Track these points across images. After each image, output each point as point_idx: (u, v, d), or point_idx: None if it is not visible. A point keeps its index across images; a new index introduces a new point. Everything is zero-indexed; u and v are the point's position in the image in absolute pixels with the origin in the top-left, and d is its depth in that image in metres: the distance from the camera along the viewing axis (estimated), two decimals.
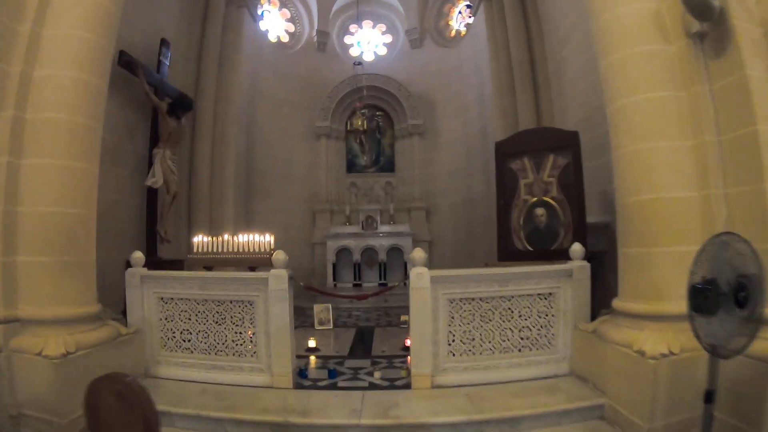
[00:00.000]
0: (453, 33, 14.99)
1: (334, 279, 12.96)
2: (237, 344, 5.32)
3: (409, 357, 5.68)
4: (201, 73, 10.66)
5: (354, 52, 15.60)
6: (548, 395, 4.82)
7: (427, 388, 5.07)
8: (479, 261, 11.62)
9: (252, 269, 6.39)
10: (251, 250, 6.39)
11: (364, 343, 7.48)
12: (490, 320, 5.32)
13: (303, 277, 13.39)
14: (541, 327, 5.41)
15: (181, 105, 8.73)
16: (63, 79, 4.66)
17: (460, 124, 14.01)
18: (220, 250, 6.51)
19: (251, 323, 5.26)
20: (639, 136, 4.52)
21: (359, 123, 11.94)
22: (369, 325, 8.92)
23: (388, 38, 15.92)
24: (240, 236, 6.53)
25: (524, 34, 10.57)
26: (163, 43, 9.04)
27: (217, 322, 5.38)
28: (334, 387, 5.27)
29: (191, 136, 10.37)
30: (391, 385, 5.29)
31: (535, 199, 7.29)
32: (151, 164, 8.39)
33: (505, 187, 7.47)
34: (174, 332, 5.54)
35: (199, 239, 6.61)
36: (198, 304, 5.44)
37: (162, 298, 5.60)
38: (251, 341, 5.27)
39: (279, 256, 5.13)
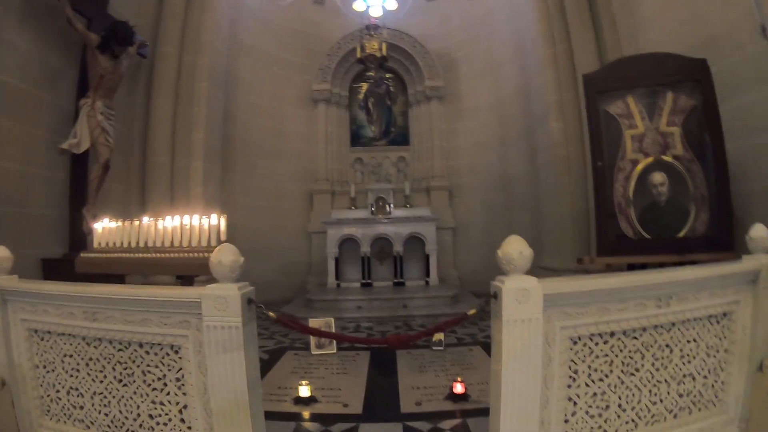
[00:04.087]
0: None
1: (337, 277, 10.33)
2: (159, 422, 2.79)
3: (457, 410, 4.04)
4: (163, 11, 8.26)
5: (358, 6, 12.99)
6: None
7: None
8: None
9: (187, 281, 3.76)
10: (185, 245, 3.62)
11: (385, 381, 5.02)
12: (637, 371, 2.91)
13: (299, 275, 11.02)
14: (709, 372, 3.14)
15: (118, 36, 6.15)
16: None
17: (491, 85, 11.48)
18: (133, 244, 3.79)
19: (179, 387, 2.72)
20: None
21: (375, 46, 9.24)
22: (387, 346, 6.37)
23: None
24: (167, 220, 3.77)
25: None
26: None
27: (121, 381, 2.87)
28: None
29: (147, 91, 7.95)
30: None
31: (649, 159, 4.86)
32: None
33: (602, 143, 4.96)
34: (59, 390, 3.10)
35: (104, 226, 3.97)
36: (88, 345, 2.94)
37: (36, 331, 3.16)
38: (182, 420, 2.73)
39: (223, 256, 2.52)
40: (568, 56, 8.37)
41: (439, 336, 6.09)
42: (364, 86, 12.23)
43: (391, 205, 11.15)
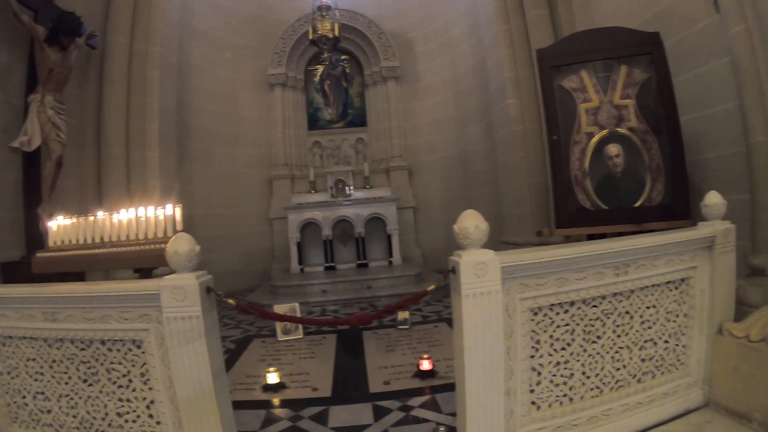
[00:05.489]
0: None
1: (300, 262, 10.29)
2: (128, 420, 2.77)
3: (425, 387, 4.13)
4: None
5: None
6: None
7: None
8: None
9: (145, 274, 3.70)
10: (141, 237, 3.55)
11: (353, 362, 5.08)
12: (599, 338, 3.01)
13: (262, 262, 10.93)
14: (670, 336, 3.27)
15: (65, 27, 5.93)
16: None
17: (447, 63, 11.48)
18: (89, 240, 3.71)
19: (144, 382, 2.69)
20: None
21: (327, 27, 9.10)
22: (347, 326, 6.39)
23: None
24: (122, 213, 3.69)
25: None
26: None
27: (86, 381, 2.82)
28: None
29: (98, 82, 7.66)
30: None
31: (604, 132, 4.94)
32: None
33: (557, 117, 5.02)
34: (25, 396, 3.03)
35: (59, 224, 3.88)
36: (50, 347, 2.88)
37: None
38: (150, 415, 2.71)
39: (178, 245, 2.50)
40: (522, 32, 8.35)
41: (404, 315, 6.14)
42: (320, 69, 12.06)
43: (351, 187, 11.12)
